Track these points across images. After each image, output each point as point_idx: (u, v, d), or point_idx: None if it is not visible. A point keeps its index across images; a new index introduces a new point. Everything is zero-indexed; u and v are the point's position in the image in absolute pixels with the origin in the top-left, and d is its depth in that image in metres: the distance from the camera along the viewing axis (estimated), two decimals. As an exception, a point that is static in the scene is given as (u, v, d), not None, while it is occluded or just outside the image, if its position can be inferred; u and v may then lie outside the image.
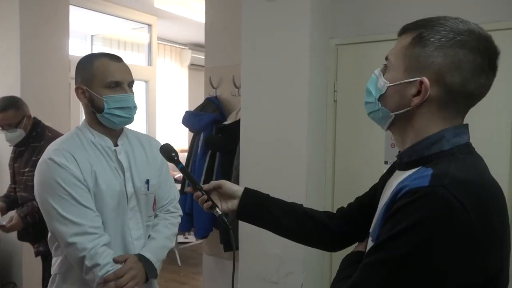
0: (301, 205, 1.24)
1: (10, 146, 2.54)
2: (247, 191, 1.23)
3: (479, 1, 1.92)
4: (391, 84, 0.89)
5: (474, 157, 0.87)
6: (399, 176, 0.90)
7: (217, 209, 1.18)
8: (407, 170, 0.89)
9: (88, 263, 1.37)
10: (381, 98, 0.91)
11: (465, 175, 0.79)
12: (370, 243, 0.94)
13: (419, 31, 0.86)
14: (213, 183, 1.23)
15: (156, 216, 1.65)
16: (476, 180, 0.80)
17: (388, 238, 0.78)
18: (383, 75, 0.91)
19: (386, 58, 0.93)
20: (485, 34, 0.83)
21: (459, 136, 0.86)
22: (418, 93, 0.85)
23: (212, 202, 1.19)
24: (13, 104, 2.45)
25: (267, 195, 1.24)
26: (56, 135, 2.51)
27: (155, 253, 1.53)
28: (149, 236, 1.60)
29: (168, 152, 1.29)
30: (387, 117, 0.91)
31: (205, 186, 1.22)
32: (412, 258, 0.75)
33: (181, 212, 1.75)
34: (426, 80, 0.83)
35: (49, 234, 1.50)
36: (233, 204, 1.22)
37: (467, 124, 0.89)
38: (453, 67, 0.82)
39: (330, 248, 1.24)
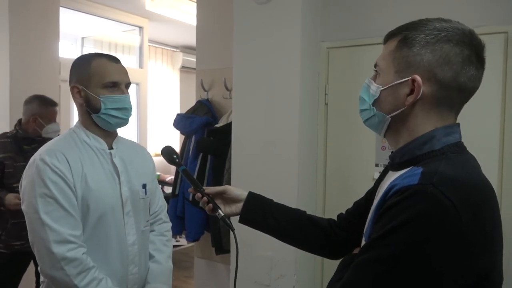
0: (305, 211, 1.24)
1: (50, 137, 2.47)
2: (251, 195, 1.23)
3: (468, 5, 1.94)
4: (383, 88, 0.90)
5: (466, 156, 0.87)
6: (391, 177, 0.90)
7: (219, 210, 1.18)
8: (399, 171, 0.89)
9: (73, 271, 1.31)
10: (375, 103, 0.92)
11: (454, 174, 0.79)
12: (363, 244, 0.93)
13: (403, 34, 0.88)
14: (217, 188, 1.23)
15: (151, 230, 1.63)
16: (466, 178, 0.80)
17: (378, 236, 0.78)
18: (374, 82, 0.92)
19: (375, 66, 0.94)
20: (468, 29, 0.85)
21: (450, 135, 0.86)
22: (412, 92, 0.85)
23: (214, 204, 1.19)
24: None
25: (271, 200, 1.24)
26: None
27: (165, 281, 1.58)
28: (150, 255, 1.60)
29: (169, 154, 1.27)
30: (383, 121, 0.92)
31: (208, 189, 1.22)
32: (403, 256, 0.75)
33: (170, 223, 1.74)
34: (418, 77, 0.84)
35: None
36: (236, 208, 1.22)
37: (458, 123, 0.89)
38: (442, 62, 0.83)
39: (332, 255, 1.24)
